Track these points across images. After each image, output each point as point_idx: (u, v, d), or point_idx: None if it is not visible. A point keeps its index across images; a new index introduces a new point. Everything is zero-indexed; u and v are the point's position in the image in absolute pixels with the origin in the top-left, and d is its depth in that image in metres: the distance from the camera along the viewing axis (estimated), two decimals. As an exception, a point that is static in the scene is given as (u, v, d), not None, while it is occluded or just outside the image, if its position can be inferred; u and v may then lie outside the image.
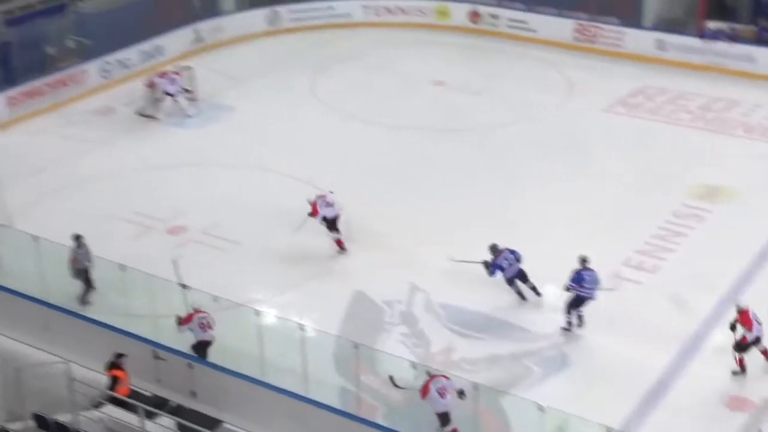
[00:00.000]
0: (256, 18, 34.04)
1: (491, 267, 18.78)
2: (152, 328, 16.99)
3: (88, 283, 18.99)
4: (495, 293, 19.15)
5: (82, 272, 18.93)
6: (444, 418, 15.17)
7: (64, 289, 18.19)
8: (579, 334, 18.03)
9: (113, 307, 17.75)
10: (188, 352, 16.53)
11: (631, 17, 32.19)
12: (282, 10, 34.38)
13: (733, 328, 16.59)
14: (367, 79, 30.21)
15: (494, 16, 33.91)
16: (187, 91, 27.71)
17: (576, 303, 17.95)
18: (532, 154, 25.03)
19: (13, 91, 27.34)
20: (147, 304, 17.31)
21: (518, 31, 33.34)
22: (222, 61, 31.41)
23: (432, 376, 15.22)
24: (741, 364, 16.65)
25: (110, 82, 29.64)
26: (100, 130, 26.91)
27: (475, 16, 34.20)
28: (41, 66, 28.91)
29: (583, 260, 18.03)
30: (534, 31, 33.09)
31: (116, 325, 17.10)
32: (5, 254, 19.28)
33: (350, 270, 20.08)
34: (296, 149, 25.37)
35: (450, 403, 15.02)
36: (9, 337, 18.00)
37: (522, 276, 18.94)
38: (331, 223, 20.55)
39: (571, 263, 19.22)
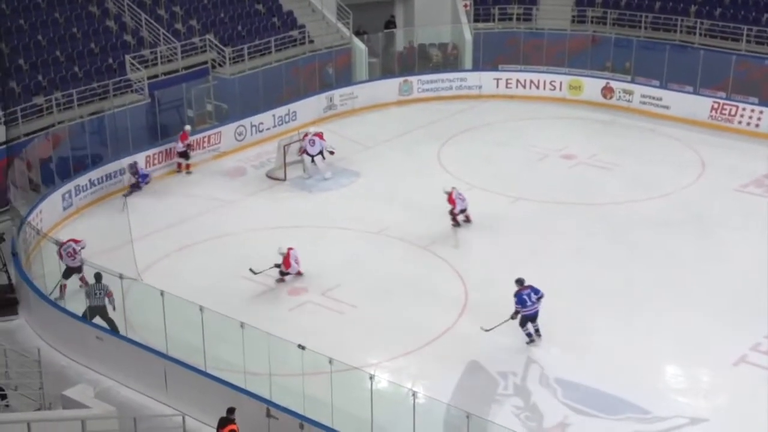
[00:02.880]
0: (388, 87, 34.74)
1: (516, 296, 19.53)
2: (267, 386, 17.22)
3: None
4: (615, 371, 18.78)
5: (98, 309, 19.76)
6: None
7: (184, 343, 18.61)
8: (701, 418, 17.45)
9: (230, 364, 18.05)
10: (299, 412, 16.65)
11: (772, 97, 31.58)
12: (414, 80, 34.97)
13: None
14: (495, 150, 30.28)
15: (628, 92, 33.69)
16: (331, 153, 28.35)
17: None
18: (660, 231, 24.58)
19: (153, 151, 28.44)
20: (263, 362, 17.56)
21: (652, 108, 33.03)
22: (352, 127, 32.05)
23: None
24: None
25: (243, 145, 30.55)
26: (229, 190, 27.73)
27: (608, 91, 34.05)
28: (180, 127, 30.08)
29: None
30: (668, 107, 32.69)
31: (232, 382, 17.46)
32: (132, 307, 19.94)
33: (466, 338, 19.98)
34: (418, 216, 25.55)
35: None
36: (130, 387, 18.62)
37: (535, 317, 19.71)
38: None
39: (700, 345, 18.86)
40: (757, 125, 31.23)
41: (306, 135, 28.28)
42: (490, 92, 35.02)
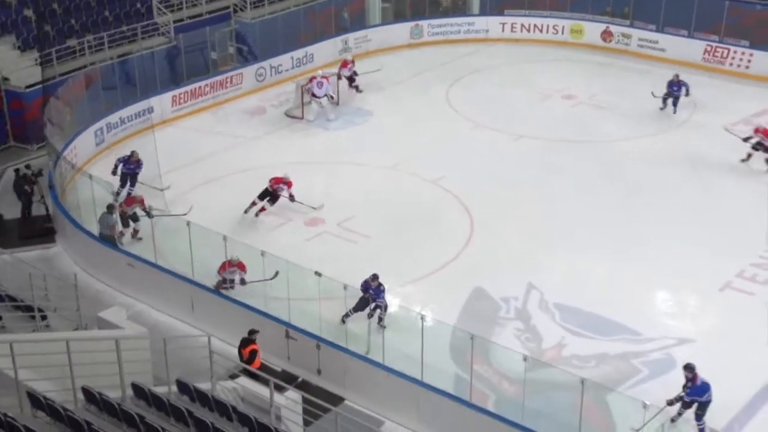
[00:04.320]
0: (400, 30, 34.41)
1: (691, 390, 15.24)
2: (286, 310, 17.41)
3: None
4: (609, 296, 18.90)
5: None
6: None
7: (209, 269, 18.77)
8: (688, 339, 17.59)
9: (252, 289, 18.22)
10: (316, 334, 16.84)
11: (763, 41, 31.13)
12: (424, 24, 34.63)
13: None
14: (500, 91, 30.10)
15: (626, 36, 33.33)
16: (331, 97, 28.22)
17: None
18: (653, 168, 24.53)
19: (178, 91, 28.37)
20: (283, 288, 17.72)
21: (648, 50, 32.70)
22: (366, 68, 31.79)
23: None
24: None
25: (263, 85, 30.43)
26: (251, 128, 27.68)
27: (607, 35, 33.68)
28: (204, 69, 29.98)
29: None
30: (664, 50, 32.38)
31: (254, 305, 17.65)
32: (161, 236, 20.08)
33: (471, 267, 20.08)
34: (427, 152, 25.53)
35: None
36: (159, 311, 18.84)
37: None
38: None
39: (689, 271, 18.91)
40: (747, 67, 30.94)
41: (314, 78, 28.09)
42: (496, 36, 34.67)
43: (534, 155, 25.47)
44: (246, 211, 21.92)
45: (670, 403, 15.05)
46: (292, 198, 22.05)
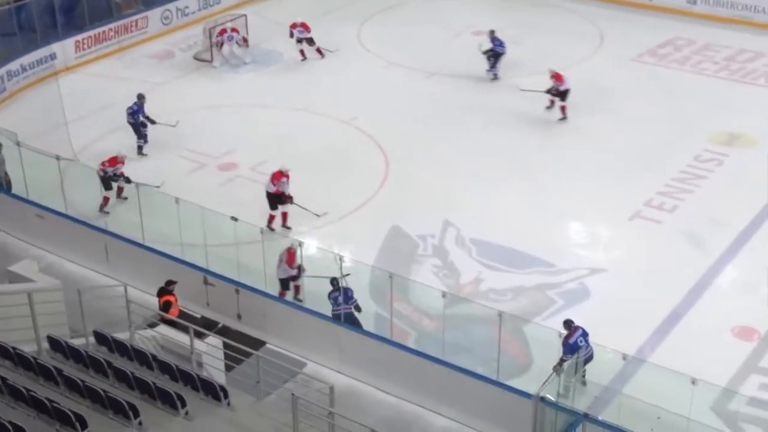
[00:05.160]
0: (307, -30, 33.78)
1: (565, 346, 14.50)
2: (203, 256, 17.19)
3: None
4: (523, 230, 19.13)
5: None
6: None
7: (122, 218, 18.39)
8: (599, 269, 17.96)
9: (168, 237, 17.92)
10: (234, 279, 16.68)
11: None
12: (332, -39, 34.05)
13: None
14: (411, 28, 29.88)
15: (533, -30, 33.28)
16: (244, 40, 27.67)
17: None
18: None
19: (81, 36, 27.45)
20: (199, 234, 17.48)
21: (555, -16, 32.77)
22: (274, 9, 31.24)
23: None
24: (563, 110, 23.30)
25: (170, 29, 29.66)
26: (159, 73, 27.01)
27: (514, -31, 33.57)
28: (107, 13, 29.05)
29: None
30: (570, -16, 32.49)
31: (170, 253, 17.37)
32: (71, 186, 19.55)
33: (388, 206, 20.11)
34: (341, 93, 25.32)
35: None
36: (73, 262, 18.42)
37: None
38: None
39: (598, 203, 19.27)
40: (650, -1, 31.32)
41: (224, 31, 27.41)
42: (405, -28, 34.32)
43: (446, 93, 25.45)
44: (270, 228, 19.03)
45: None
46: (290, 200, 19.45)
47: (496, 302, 16.67)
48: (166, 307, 15.83)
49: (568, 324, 14.73)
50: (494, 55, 25.99)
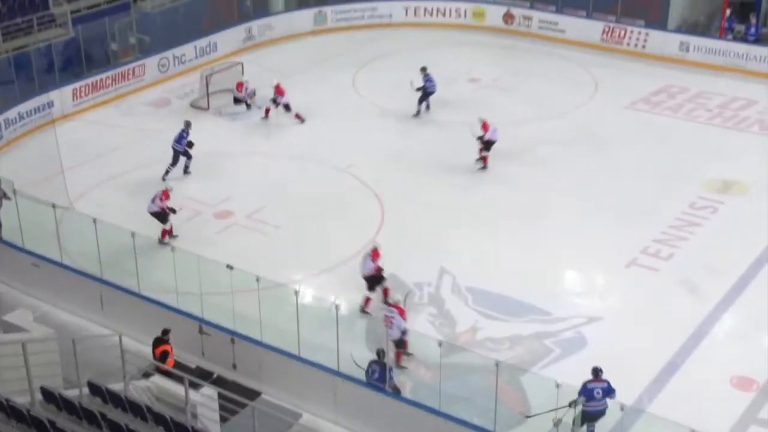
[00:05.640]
0: (303, 18, 34.10)
1: (583, 389, 14.46)
2: (199, 305, 17.09)
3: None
4: (520, 278, 19.08)
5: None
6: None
7: (119, 267, 18.30)
8: (596, 317, 17.88)
9: (163, 285, 17.83)
10: (230, 328, 16.57)
11: (657, 20, 31.83)
12: (328, 10, 34.38)
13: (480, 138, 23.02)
14: (406, 76, 29.94)
15: (527, 18, 33.66)
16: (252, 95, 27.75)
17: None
18: (557, 147, 24.82)
19: (78, 84, 27.56)
20: (194, 283, 17.38)
21: (549, 32, 33.08)
22: (270, 57, 31.48)
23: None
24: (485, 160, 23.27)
25: (167, 76, 29.82)
26: (156, 120, 27.07)
27: (508, 17, 33.97)
28: (104, 61, 29.20)
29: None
30: (563, 31, 32.82)
31: (165, 302, 17.27)
32: (66, 235, 19.48)
33: (384, 254, 19.93)
34: (336, 140, 25.39)
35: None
36: (68, 311, 18.30)
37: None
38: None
39: (594, 250, 19.26)
40: (643, 46, 31.54)
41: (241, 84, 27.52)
42: (400, 20, 34.66)
43: (441, 139, 25.51)
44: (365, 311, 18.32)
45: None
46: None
47: (493, 351, 16.60)
48: (163, 357, 15.70)
49: (596, 371, 14.52)
50: (424, 93, 26.46)
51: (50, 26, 28.20)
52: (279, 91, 26.72)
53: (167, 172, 22.94)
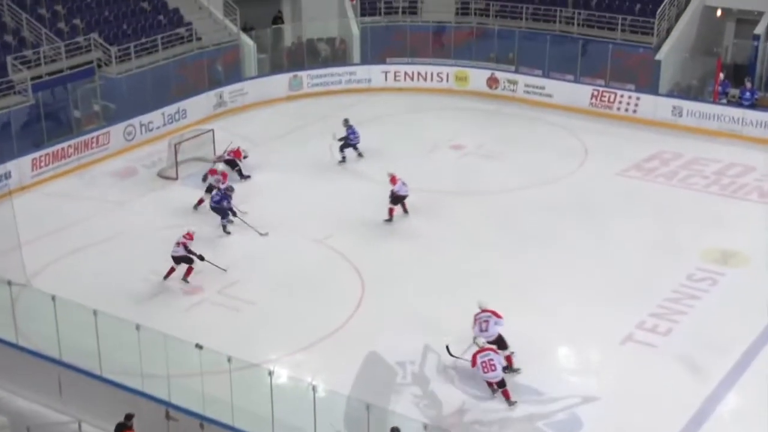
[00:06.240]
0: (278, 83, 34.45)
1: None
2: (165, 388, 16.84)
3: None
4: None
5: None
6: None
7: (78, 348, 18.06)
8: (592, 396, 17.75)
9: (127, 367, 17.58)
10: (199, 412, 16.32)
11: (648, 84, 32.31)
12: (303, 75, 34.75)
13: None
14: (386, 142, 30.25)
15: (512, 82, 34.11)
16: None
17: None
18: (547, 217, 24.93)
19: (38, 153, 27.56)
20: (161, 364, 17.15)
21: (535, 96, 33.51)
22: (243, 124, 31.66)
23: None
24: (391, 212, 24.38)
25: (133, 144, 29.89)
26: (121, 191, 27.07)
27: (493, 81, 34.41)
28: (67, 129, 29.26)
29: None
30: (551, 96, 33.24)
31: (129, 385, 17.01)
32: (22, 314, 19.24)
33: (364, 329, 19.93)
34: (312, 211, 25.40)
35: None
36: (23, 397, 17.98)
37: None
38: None
39: (588, 326, 19.17)
40: (634, 111, 32.02)
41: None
42: (379, 85, 35.07)
43: (424, 208, 25.57)
44: None
45: None
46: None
47: (482, 435, 16.40)
48: (123, 445, 15.44)
49: None
50: (346, 144, 28.41)
51: (9, 93, 28.29)
52: (237, 154, 27.32)
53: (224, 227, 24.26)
